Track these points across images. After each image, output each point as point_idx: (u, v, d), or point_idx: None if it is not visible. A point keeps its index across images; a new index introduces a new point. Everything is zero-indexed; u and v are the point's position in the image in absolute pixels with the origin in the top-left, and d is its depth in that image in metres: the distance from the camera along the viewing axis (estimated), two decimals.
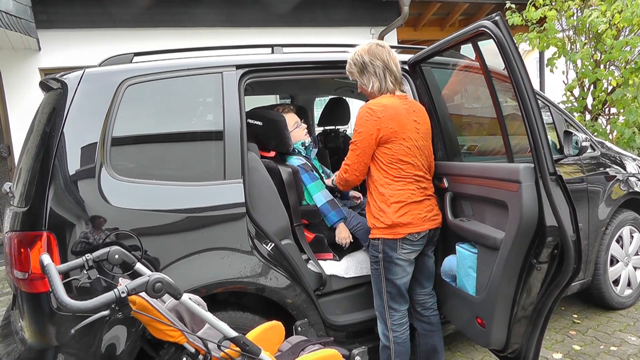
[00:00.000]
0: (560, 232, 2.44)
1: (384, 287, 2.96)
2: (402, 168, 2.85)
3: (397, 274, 2.92)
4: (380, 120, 2.79)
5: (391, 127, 2.80)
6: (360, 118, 2.86)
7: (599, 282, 4.24)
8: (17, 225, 2.50)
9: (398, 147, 2.83)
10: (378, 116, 2.79)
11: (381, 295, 2.99)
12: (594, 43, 7.02)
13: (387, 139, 2.82)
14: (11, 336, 2.73)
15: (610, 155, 4.35)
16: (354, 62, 2.95)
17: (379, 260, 2.93)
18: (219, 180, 2.78)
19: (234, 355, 2.13)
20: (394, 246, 2.87)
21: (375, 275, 3.00)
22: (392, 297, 2.97)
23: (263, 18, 9.09)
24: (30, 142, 2.78)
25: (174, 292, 1.89)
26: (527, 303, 2.67)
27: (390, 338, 2.99)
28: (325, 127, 5.07)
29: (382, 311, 3.01)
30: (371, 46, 2.93)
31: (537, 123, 2.42)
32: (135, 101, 2.70)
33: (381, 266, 2.93)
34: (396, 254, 2.88)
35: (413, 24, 11.17)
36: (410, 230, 2.86)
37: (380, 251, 2.91)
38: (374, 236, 2.94)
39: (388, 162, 2.84)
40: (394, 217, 2.83)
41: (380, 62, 2.89)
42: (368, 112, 2.83)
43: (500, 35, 2.44)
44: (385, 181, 2.86)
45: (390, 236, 2.86)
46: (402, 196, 2.85)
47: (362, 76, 2.95)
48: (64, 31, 7.93)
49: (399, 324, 3.00)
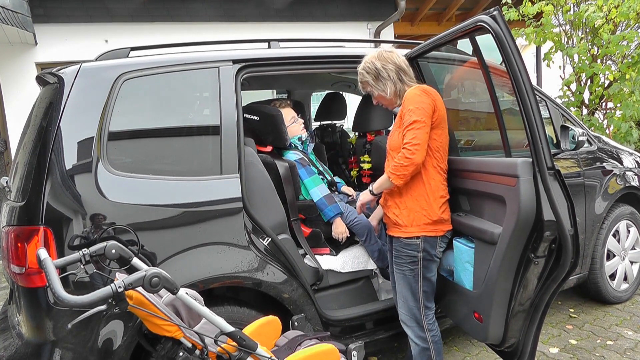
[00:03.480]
0: (558, 227, 2.44)
1: (420, 287, 2.83)
2: (443, 158, 2.80)
3: (433, 271, 2.85)
4: (435, 100, 2.71)
5: (441, 110, 2.74)
6: (417, 97, 2.70)
7: (596, 276, 4.25)
8: (14, 220, 2.50)
9: (444, 135, 2.78)
10: (432, 97, 2.71)
11: (416, 296, 2.85)
12: (591, 38, 7.02)
13: (437, 124, 2.73)
14: (8, 331, 2.73)
15: (607, 150, 4.35)
16: (367, 70, 2.88)
17: (418, 259, 2.78)
18: (215, 175, 2.77)
19: (231, 350, 2.13)
20: (434, 244, 2.79)
21: (409, 276, 2.84)
22: (427, 296, 2.87)
23: (260, 13, 9.08)
24: (27, 137, 2.78)
25: (170, 287, 1.88)
26: (524, 297, 2.68)
27: (428, 339, 2.87)
28: (322, 122, 5.07)
29: (417, 313, 2.87)
30: (380, 52, 2.89)
31: (535, 117, 2.42)
32: (131, 96, 2.70)
33: (420, 266, 2.79)
34: (435, 252, 2.81)
35: (410, 18, 11.16)
36: (448, 227, 2.84)
37: (420, 250, 2.77)
38: (412, 234, 2.77)
39: (435, 149, 2.75)
40: (439, 212, 2.76)
41: (392, 65, 2.84)
42: (422, 91, 2.72)
43: (498, 30, 2.44)
44: (431, 173, 2.76)
45: (432, 233, 2.77)
46: (444, 190, 2.81)
47: (377, 82, 2.88)
48: (61, 25, 7.91)
49: (433, 322, 2.91)
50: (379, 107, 3.81)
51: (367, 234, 3.60)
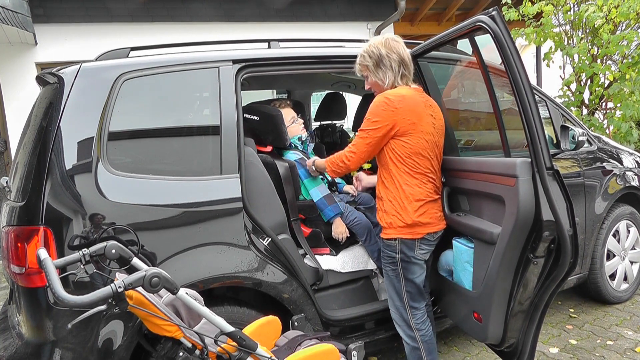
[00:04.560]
0: (557, 227, 2.44)
1: (403, 287, 2.87)
2: (419, 163, 2.75)
3: (415, 273, 2.84)
4: (397, 112, 2.67)
5: (409, 119, 2.68)
6: (376, 107, 2.73)
7: (596, 276, 4.25)
8: (14, 220, 2.50)
9: (417, 140, 2.72)
10: (395, 107, 2.67)
11: (400, 296, 2.90)
12: (591, 38, 7.02)
13: (404, 132, 2.70)
14: (8, 331, 2.73)
15: (607, 150, 4.35)
16: (370, 54, 2.82)
17: (397, 261, 2.83)
18: (215, 175, 2.77)
19: (231, 350, 2.13)
20: (412, 246, 2.79)
21: (392, 276, 2.90)
22: (412, 297, 2.88)
23: (260, 13, 9.08)
24: (27, 137, 2.78)
25: (170, 287, 1.89)
26: (523, 297, 2.68)
27: (417, 338, 2.90)
28: (322, 122, 5.07)
29: (403, 312, 2.91)
30: (387, 40, 2.82)
31: (534, 118, 2.42)
32: (131, 96, 2.70)
33: (399, 267, 2.83)
34: (413, 254, 2.80)
35: (410, 18, 11.15)
36: (429, 230, 2.80)
37: (397, 251, 2.81)
38: (390, 236, 2.82)
39: (406, 155, 2.72)
40: (414, 216, 2.74)
41: (397, 55, 2.78)
42: (385, 101, 2.70)
43: (497, 30, 2.44)
44: (405, 178, 2.75)
45: (409, 236, 2.77)
46: (421, 194, 2.76)
47: (377, 69, 2.83)
48: (61, 25, 7.92)
49: (422, 321, 2.91)
50: None
51: (367, 234, 3.60)
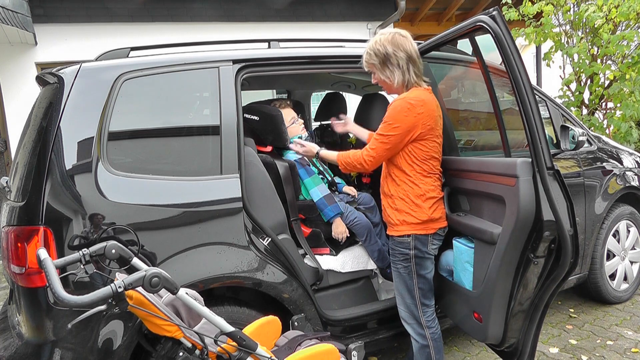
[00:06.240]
0: (557, 227, 2.44)
1: (415, 284, 2.86)
2: (433, 165, 2.79)
3: (427, 268, 2.86)
4: (420, 117, 2.66)
5: (429, 124, 2.70)
6: (398, 112, 2.69)
7: (596, 276, 4.25)
8: (14, 220, 2.50)
9: (432, 144, 2.75)
10: (418, 112, 2.66)
11: (412, 293, 2.88)
12: (591, 37, 7.02)
13: (422, 136, 2.71)
14: (8, 331, 2.73)
15: (607, 150, 4.35)
16: (376, 52, 2.77)
17: (410, 257, 2.82)
18: (215, 175, 2.77)
19: (231, 350, 2.13)
20: (426, 242, 2.81)
21: (404, 274, 2.87)
22: (424, 294, 2.88)
23: (260, 13, 9.08)
24: (27, 137, 2.78)
25: (170, 287, 1.88)
26: (524, 297, 2.68)
27: (427, 336, 2.90)
28: (322, 122, 5.06)
29: (414, 310, 2.91)
30: (394, 36, 2.75)
31: (535, 117, 2.41)
32: (131, 96, 2.70)
33: (412, 263, 2.82)
34: (427, 249, 2.82)
35: (410, 18, 11.15)
36: (440, 225, 2.83)
37: (411, 248, 2.80)
38: (403, 233, 2.81)
39: (422, 158, 2.75)
40: (429, 212, 2.77)
41: (404, 53, 2.73)
42: (408, 107, 2.67)
43: (497, 30, 2.44)
44: (419, 177, 2.77)
45: (423, 232, 2.79)
46: (434, 191, 2.80)
47: (384, 68, 2.79)
48: (61, 25, 7.92)
49: (432, 319, 2.92)
50: (379, 107, 3.81)
51: (367, 234, 3.60)
